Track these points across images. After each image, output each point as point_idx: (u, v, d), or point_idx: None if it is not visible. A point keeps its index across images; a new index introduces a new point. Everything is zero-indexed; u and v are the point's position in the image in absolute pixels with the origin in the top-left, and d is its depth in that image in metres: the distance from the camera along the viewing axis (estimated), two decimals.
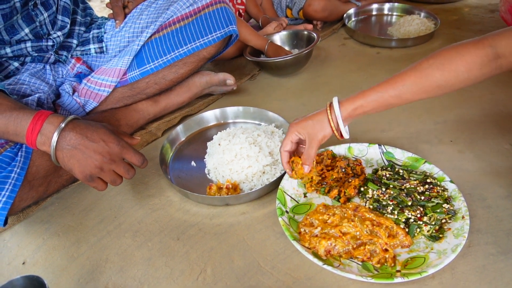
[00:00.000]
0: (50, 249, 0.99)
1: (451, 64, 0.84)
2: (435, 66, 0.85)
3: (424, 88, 0.87)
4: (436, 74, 0.85)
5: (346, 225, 0.88)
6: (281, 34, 1.78)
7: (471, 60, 0.83)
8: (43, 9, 1.19)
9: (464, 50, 0.84)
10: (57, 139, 0.88)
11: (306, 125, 0.94)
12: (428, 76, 0.85)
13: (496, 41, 0.82)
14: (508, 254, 0.84)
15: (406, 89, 0.87)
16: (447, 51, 0.85)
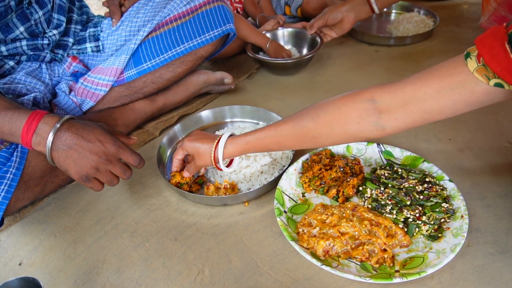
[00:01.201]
0: (46, 250, 0.99)
1: (325, 116, 0.82)
2: (310, 117, 0.83)
3: (300, 138, 0.86)
4: (310, 125, 0.83)
5: (345, 225, 0.88)
6: (284, 31, 1.77)
7: (347, 113, 0.79)
8: (38, 7, 1.18)
9: (341, 103, 0.81)
10: (53, 139, 0.87)
11: (196, 148, 0.97)
12: (303, 126, 0.84)
13: (378, 94, 0.78)
14: (507, 253, 0.84)
15: (285, 138, 0.87)
16: (326, 103, 0.83)
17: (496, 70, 0.65)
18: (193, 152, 0.98)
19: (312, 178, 1.02)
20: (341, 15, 1.52)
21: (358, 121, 0.79)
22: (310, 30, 1.63)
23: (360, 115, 0.79)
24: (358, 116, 0.79)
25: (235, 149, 0.93)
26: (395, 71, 1.58)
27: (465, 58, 0.70)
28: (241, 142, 0.92)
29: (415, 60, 1.64)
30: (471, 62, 0.69)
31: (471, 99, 0.71)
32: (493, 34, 0.66)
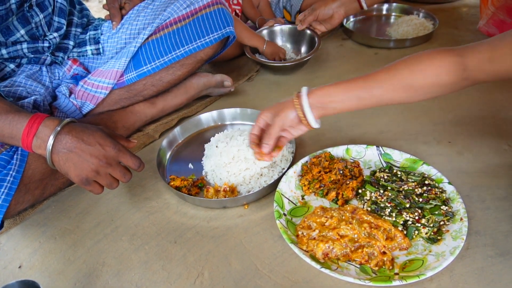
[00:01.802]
0: (46, 253, 0.99)
1: (419, 65, 0.85)
2: (405, 65, 0.87)
3: (393, 86, 0.87)
4: (405, 72, 0.86)
5: (344, 227, 0.88)
6: (283, 28, 1.77)
7: (439, 64, 0.84)
8: (39, 10, 1.18)
9: (434, 55, 0.85)
10: (53, 142, 0.88)
11: (273, 109, 0.97)
12: (397, 74, 0.87)
13: (467, 53, 0.82)
14: (507, 255, 0.84)
15: (376, 85, 0.88)
16: (420, 54, 0.87)
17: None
18: (274, 109, 0.97)
19: (311, 180, 1.03)
20: (332, 11, 1.59)
21: (449, 71, 0.84)
22: (301, 25, 1.67)
23: (450, 66, 0.83)
24: (449, 67, 0.83)
25: (321, 92, 0.92)
26: None
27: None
28: (328, 85, 0.92)
29: None
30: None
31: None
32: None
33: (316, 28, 1.67)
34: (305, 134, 1.27)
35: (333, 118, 1.34)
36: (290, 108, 0.95)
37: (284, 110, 0.95)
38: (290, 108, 0.95)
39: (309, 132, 1.28)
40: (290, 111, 0.95)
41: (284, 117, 0.95)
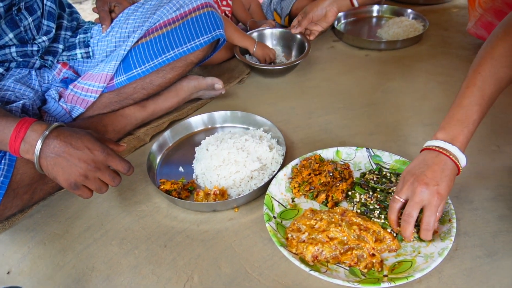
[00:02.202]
0: (35, 258, 0.98)
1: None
2: (503, 65, 0.83)
3: (501, 90, 0.85)
4: (507, 72, 0.83)
5: (333, 230, 0.88)
6: (272, 31, 1.78)
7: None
8: (28, 13, 1.18)
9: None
10: (41, 147, 0.87)
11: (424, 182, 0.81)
12: (501, 80, 0.84)
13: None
14: (494, 256, 0.85)
15: (492, 98, 0.84)
16: (503, 46, 0.83)
17: None
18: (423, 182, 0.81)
19: (301, 183, 1.03)
20: (325, 10, 1.60)
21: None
22: (295, 29, 1.68)
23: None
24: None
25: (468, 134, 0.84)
26: (385, 75, 1.59)
27: None
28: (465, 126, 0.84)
29: (405, 64, 1.65)
30: None
31: None
32: None
33: (313, 29, 1.67)
34: (296, 137, 1.28)
35: (323, 120, 1.34)
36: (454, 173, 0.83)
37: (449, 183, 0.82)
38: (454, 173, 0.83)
39: (299, 134, 1.29)
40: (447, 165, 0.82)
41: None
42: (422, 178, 0.81)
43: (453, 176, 0.82)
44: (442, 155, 0.82)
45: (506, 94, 1.35)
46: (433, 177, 0.81)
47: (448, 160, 0.82)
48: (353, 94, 1.49)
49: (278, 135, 1.22)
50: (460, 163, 0.82)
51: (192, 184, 1.12)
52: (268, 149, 1.15)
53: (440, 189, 0.80)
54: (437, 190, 0.79)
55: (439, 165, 0.82)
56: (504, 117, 1.26)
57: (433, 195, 0.79)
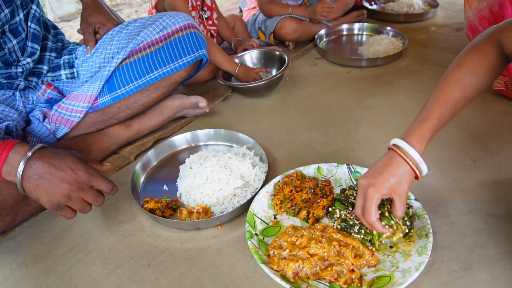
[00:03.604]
0: (17, 280, 0.98)
1: (481, 68, 0.86)
2: (469, 75, 0.87)
3: (469, 100, 0.88)
4: (474, 83, 0.87)
5: (314, 246, 0.90)
6: (252, 54, 1.81)
7: (494, 58, 0.86)
8: (12, 36, 1.19)
9: (484, 51, 0.87)
10: (23, 169, 0.88)
11: (385, 183, 0.84)
12: (468, 89, 0.87)
13: (502, 37, 0.85)
14: (470, 269, 0.87)
15: (457, 106, 0.87)
16: (470, 56, 0.88)
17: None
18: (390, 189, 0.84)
19: (283, 200, 1.05)
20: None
21: (502, 63, 0.88)
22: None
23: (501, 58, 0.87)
24: (501, 58, 0.87)
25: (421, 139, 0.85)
26: (366, 91, 1.63)
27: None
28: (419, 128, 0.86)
29: (385, 81, 1.69)
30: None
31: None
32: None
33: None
34: (279, 154, 1.30)
35: (305, 137, 1.37)
36: (405, 171, 0.84)
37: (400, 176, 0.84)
38: (405, 172, 0.84)
39: (282, 151, 1.31)
40: (408, 174, 0.84)
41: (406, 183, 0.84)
42: (364, 175, 0.88)
43: (396, 169, 0.84)
44: (390, 151, 0.87)
45: (481, 109, 1.39)
46: (372, 172, 0.87)
47: (394, 154, 0.85)
48: (334, 111, 1.52)
49: (261, 152, 1.24)
50: (407, 156, 0.83)
51: (176, 202, 1.13)
52: (251, 166, 1.17)
53: (376, 181, 0.84)
54: (372, 182, 0.84)
55: (383, 160, 0.87)
56: (479, 132, 1.30)
57: (367, 186, 0.85)
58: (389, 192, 0.84)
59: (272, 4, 2.04)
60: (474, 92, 0.87)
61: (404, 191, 0.84)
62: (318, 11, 1.99)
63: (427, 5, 2.47)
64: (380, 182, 0.84)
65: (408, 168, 0.83)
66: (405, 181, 0.84)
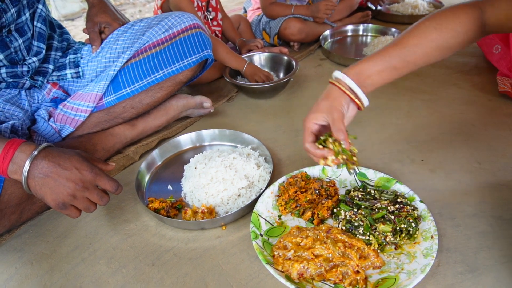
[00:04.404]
0: (22, 278, 0.98)
1: (448, 24, 0.86)
2: (433, 27, 0.86)
3: (425, 50, 0.87)
4: (435, 35, 0.86)
5: (319, 247, 0.89)
6: (261, 56, 1.81)
7: (467, 20, 0.85)
8: (18, 35, 1.19)
9: (459, 11, 0.86)
10: (29, 168, 0.88)
11: (321, 108, 0.88)
12: (428, 37, 0.87)
13: (487, 8, 0.85)
14: (475, 272, 0.87)
15: (409, 51, 0.87)
16: (443, 12, 0.87)
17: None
18: (323, 113, 0.88)
19: (288, 200, 1.04)
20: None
21: (475, 28, 0.86)
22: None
23: (476, 22, 0.86)
24: (475, 23, 0.86)
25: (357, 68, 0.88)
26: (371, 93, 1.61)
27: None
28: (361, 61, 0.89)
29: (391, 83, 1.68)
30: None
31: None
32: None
33: None
34: (283, 154, 1.30)
35: None
36: (339, 96, 0.87)
37: (335, 100, 0.87)
38: (339, 96, 0.87)
39: (286, 152, 1.31)
40: (341, 98, 0.87)
41: (339, 106, 0.87)
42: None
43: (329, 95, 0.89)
44: (328, 85, 0.92)
45: (487, 111, 1.39)
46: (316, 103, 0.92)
47: (329, 85, 0.91)
48: None
49: (265, 153, 1.24)
50: (340, 82, 0.88)
51: (181, 202, 1.13)
52: (256, 167, 1.17)
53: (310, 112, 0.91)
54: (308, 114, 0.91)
55: (322, 94, 0.92)
56: (484, 134, 1.29)
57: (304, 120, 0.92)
58: (321, 117, 0.88)
59: (275, 5, 2.04)
60: (434, 47, 0.87)
61: (337, 113, 0.87)
62: (322, 9, 1.99)
63: (432, 6, 2.47)
64: (313, 110, 0.89)
65: (341, 92, 0.86)
66: (338, 104, 0.87)
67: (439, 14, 0.88)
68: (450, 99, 1.52)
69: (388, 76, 0.89)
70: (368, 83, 0.89)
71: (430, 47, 0.87)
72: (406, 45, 0.87)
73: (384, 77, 0.89)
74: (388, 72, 0.89)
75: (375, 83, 0.90)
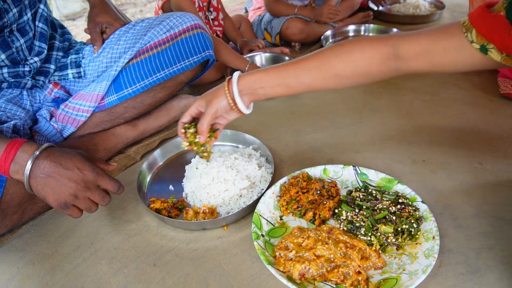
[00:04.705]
0: (24, 278, 0.98)
1: (352, 55, 0.86)
2: (335, 54, 0.87)
3: (322, 75, 0.89)
4: (335, 62, 0.87)
5: (320, 248, 0.89)
6: (262, 56, 1.81)
7: (371, 54, 0.85)
8: (20, 35, 1.20)
9: (367, 44, 0.86)
10: (31, 168, 0.88)
11: (206, 98, 0.98)
12: (327, 63, 0.88)
13: (400, 42, 0.84)
14: (477, 273, 0.86)
15: (306, 73, 0.89)
16: (351, 42, 0.88)
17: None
18: (206, 97, 0.98)
19: (289, 201, 1.04)
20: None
21: (380, 63, 0.86)
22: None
23: (382, 57, 0.85)
24: (381, 58, 0.86)
25: (251, 78, 0.93)
26: (372, 93, 1.63)
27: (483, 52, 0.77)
28: (259, 70, 0.93)
29: (391, 83, 1.69)
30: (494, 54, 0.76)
31: (470, 61, 0.80)
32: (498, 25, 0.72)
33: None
34: (284, 154, 1.30)
35: (311, 139, 1.37)
36: (221, 96, 0.96)
37: (216, 97, 0.96)
38: (221, 96, 0.96)
39: (288, 152, 1.31)
40: (221, 99, 0.96)
41: (216, 104, 0.96)
42: None
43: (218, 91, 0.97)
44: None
45: (488, 112, 1.39)
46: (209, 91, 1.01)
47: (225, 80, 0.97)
48: (340, 113, 1.52)
49: (267, 154, 1.24)
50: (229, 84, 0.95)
51: (182, 202, 1.13)
52: (257, 167, 1.17)
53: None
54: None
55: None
56: (486, 135, 1.29)
57: None
58: (202, 106, 0.99)
59: (279, 3, 2.05)
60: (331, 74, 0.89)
61: (211, 109, 0.96)
62: (325, 14, 1.99)
63: (433, 7, 2.47)
64: (201, 96, 0.99)
65: (224, 95, 0.94)
66: (217, 102, 0.95)
67: (347, 43, 0.88)
68: (451, 99, 1.52)
69: (282, 91, 0.94)
70: (260, 92, 0.94)
71: (327, 73, 0.89)
72: (304, 67, 0.90)
73: (277, 91, 0.94)
74: (282, 88, 0.94)
75: (268, 94, 0.95)
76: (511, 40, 0.71)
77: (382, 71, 0.87)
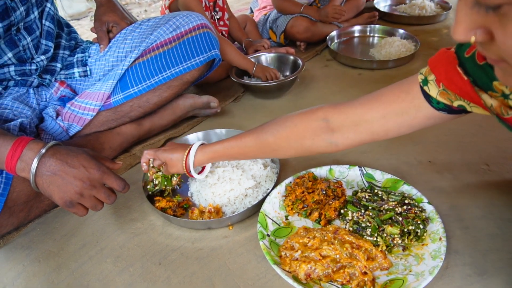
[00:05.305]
0: (30, 276, 0.98)
1: (284, 132, 0.89)
2: (270, 132, 0.91)
3: (262, 150, 0.94)
4: (270, 139, 0.91)
5: (326, 248, 0.89)
6: (267, 56, 1.81)
7: (303, 130, 0.87)
8: (27, 33, 1.20)
9: (297, 120, 0.88)
10: (37, 165, 0.88)
11: (169, 157, 1.03)
12: (264, 140, 0.92)
13: (330, 115, 0.85)
14: (484, 275, 0.86)
15: (249, 151, 0.96)
16: (285, 119, 0.91)
17: (456, 92, 0.71)
18: (166, 160, 1.04)
19: (295, 201, 1.04)
20: None
21: (313, 137, 0.87)
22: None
23: (315, 132, 0.87)
24: (313, 133, 0.87)
25: (204, 157, 1.01)
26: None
27: (423, 84, 0.75)
28: (210, 151, 1.00)
29: None
30: (432, 87, 0.74)
31: (413, 123, 0.80)
32: (445, 59, 0.71)
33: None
34: None
35: None
36: (180, 161, 1.02)
37: (173, 167, 1.04)
38: (179, 165, 1.02)
39: None
40: (178, 167, 1.03)
41: (172, 166, 1.04)
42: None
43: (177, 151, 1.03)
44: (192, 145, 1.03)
45: None
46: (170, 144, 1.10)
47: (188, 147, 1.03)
48: None
49: None
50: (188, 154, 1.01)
51: (187, 201, 1.13)
52: (263, 167, 1.17)
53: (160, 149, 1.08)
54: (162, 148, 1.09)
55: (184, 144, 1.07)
56: (492, 136, 1.28)
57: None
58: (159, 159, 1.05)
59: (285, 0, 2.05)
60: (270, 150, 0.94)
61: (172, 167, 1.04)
62: (330, 14, 1.99)
63: (440, 8, 2.46)
64: (160, 149, 1.06)
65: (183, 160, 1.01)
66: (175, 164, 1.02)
67: (281, 121, 0.91)
68: None
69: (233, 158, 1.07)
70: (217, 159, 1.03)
71: (266, 148, 0.94)
72: (247, 145, 0.96)
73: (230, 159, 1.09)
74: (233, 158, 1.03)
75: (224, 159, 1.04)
76: (455, 74, 0.69)
77: (318, 146, 0.88)
